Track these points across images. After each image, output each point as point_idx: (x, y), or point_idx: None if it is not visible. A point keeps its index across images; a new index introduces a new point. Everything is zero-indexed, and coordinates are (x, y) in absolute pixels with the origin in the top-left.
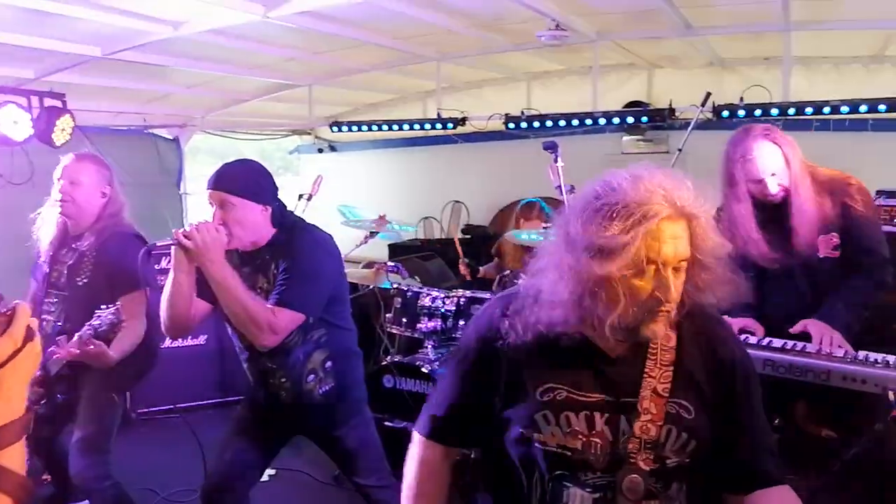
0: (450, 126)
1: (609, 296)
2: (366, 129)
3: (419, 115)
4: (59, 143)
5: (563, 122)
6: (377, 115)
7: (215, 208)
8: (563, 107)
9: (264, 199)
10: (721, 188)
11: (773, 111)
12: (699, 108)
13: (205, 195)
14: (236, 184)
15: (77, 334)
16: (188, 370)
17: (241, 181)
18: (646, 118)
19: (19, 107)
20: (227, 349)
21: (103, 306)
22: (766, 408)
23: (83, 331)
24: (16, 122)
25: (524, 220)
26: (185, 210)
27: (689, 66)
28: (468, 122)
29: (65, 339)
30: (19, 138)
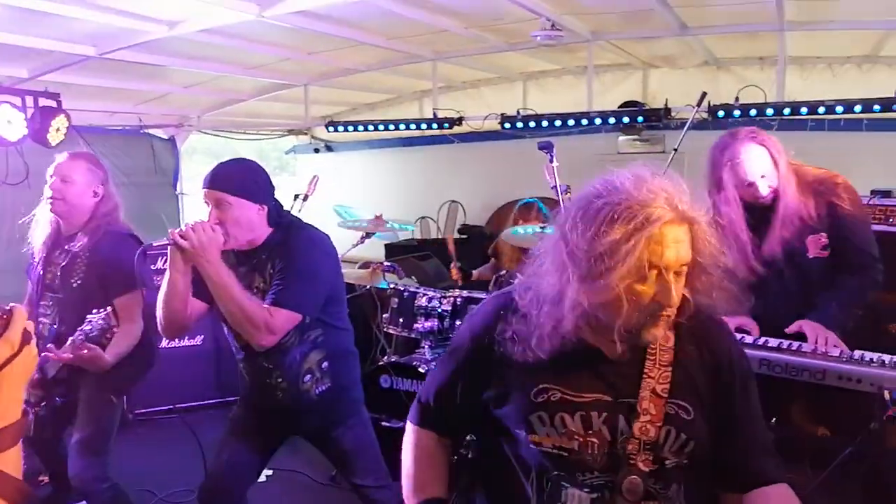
0: (446, 126)
1: (612, 302)
2: (362, 129)
3: (415, 115)
4: (53, 144)
5: (558, 122)
6: (373, 115)
7: (211, 208)
8: (558, 107)
9: (260, 198)
10: (708, 192)
11: (769, 111)
12: (695, 108)
13: (201, 195)
14: (232, 183)
15: (70, 339)
16: (185, 371)
17: (237, 180)
18: (641, 118)
19: (13, 107)
20: (224, 349)
21: (95, 311)
22: (762, 407)
23: (75, 336)
24: (10, 122)
25: (523, 220)
26: (181, 210)
27: (685, 66)
28: (464, 122)
29: (54, 347)
30: (13, 138)
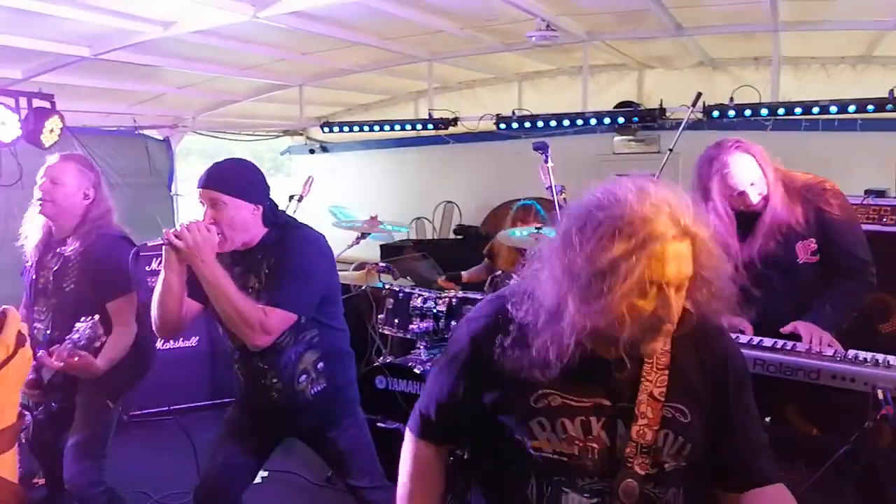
0: (441, 126)
1: (613, 321)
2: (357, 129)
3: (411, 116)
4: (47, 145)
5: (553, 123)
6: (368, 116)
7: (206, 207)
8: (554, 107)
9: (255, 198)
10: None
11: (763, 111)
12: (690, 108)
13: (196, 195)
14: (227, 183)
15: (57, 347)
16: (180, 372)
17: (232, 180)
18: (637, 118)
19: (7, 108)
20: (219, 351)
21: (83, 319)
22: (757, 407)
23: (63, 345)
24: (3, 123)
25: (521, 222)
26: (175, 211)
27: (680, 67)
28: (459, 123)
29: (46, 354)
30: (7, 139)
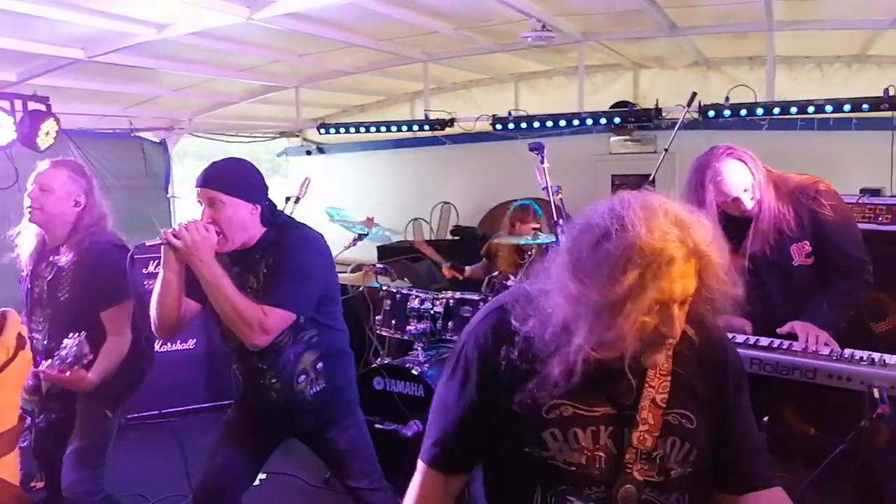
0: (437, 127)
1: (619, 335)
2: (353, 130)
3: (407, 117)
4: (43, 147)
5: (550, 123)
6: (365, 117)
7: (204, 207)
8: (550, 107)
9: (254, 197)
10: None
11: (759, 111)
12: (685, 108)
13: (192, 198)
14: (226, 182)
15: (46, 363)
16: (178, 375)
17: (231, 179)
18: (633, 118)
19: (2, 110)
20: (217, 353)
21: (72, 335)
22: (753, 407)
23: (52, 361)
24: None
25: (520, 223)
26: (172, 213)
27: (675, 67)
28: (456, 124)
29: (42, 365)
30: (2, 142)
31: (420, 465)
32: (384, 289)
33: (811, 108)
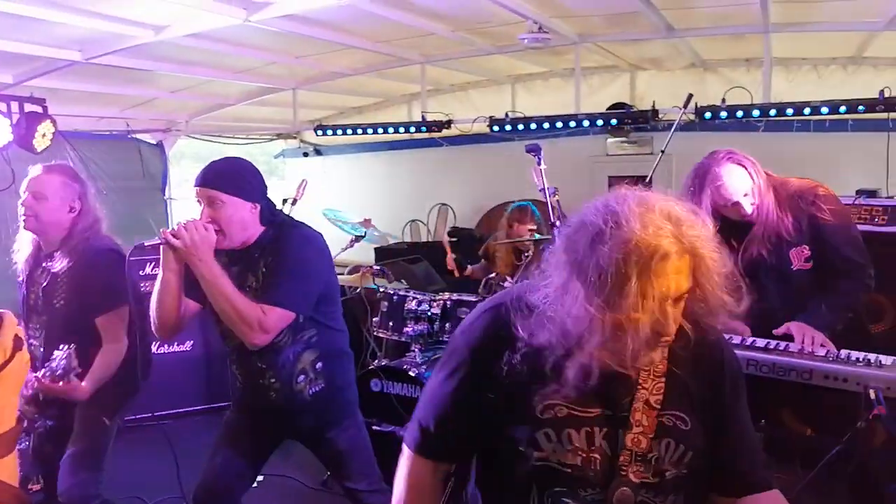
0: (434, 129)
1: (616, 334)
2: (351, 132)
3: (404, 119)
4: (39, 149)
5: (546, 125)
6: (362, 119)
7: (203, 206)
8: (547, 109)
9: (253, 196)
10: None
11: (755, 112)
12: (682, 109)
13: (189, 200)
14: (225, 181)
15: (36, 375)
16: (175, 377)
17: (230, 178)
18: (629, 120)
19: None
20: (214, 355)
21: (62, 346)
22: (750, 408)
23: (42, 373)
24: None
25: (518, 223)
26: (169, 215)
27: (672, 68)
28: (453, 125)
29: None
30: None
31: (405, 449)
32: (381, 290)
33: (807, 110)
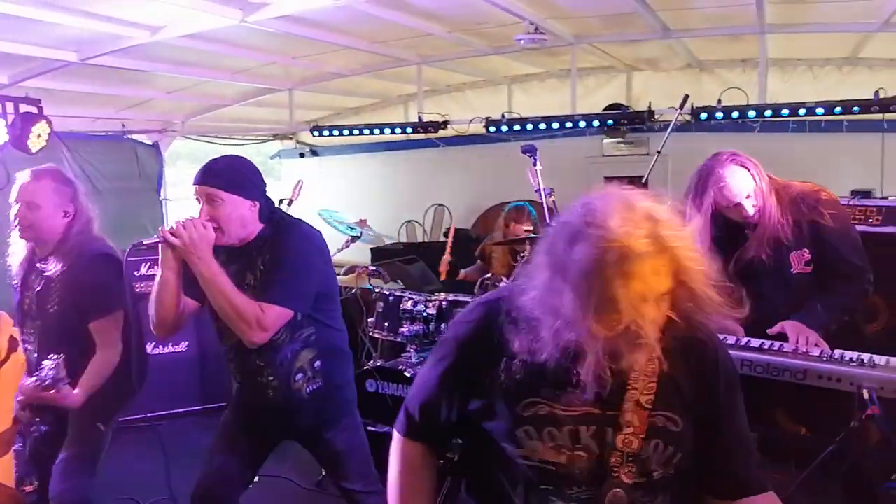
0: (431, 130)
1: (596, 333)
2: (347, 133)
3: (400, 119)
4: (35, 150)
5: (543, 125)
6: (358, 120)
7: (202, 204)
8: (543, 109)
9: (252, 194)
10: (687, 217)
11: (751, 113)
12: (678, 110)
13: (185, 201)
14: (224, 179)
15: (25, 384)
16: (171, 377)
17: (229, 176)
18: (625, 121)
19: None
20: (210, 355)
21: (52, 356)
22: (745, 408)
23: (32, 382)
24: None
25: (514, 223)
26: (165, 216)
27: (668, 69)
28: (449, 126)
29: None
30: None
31: (395, 434)
32: (377, 291)
33: (803, 111)
